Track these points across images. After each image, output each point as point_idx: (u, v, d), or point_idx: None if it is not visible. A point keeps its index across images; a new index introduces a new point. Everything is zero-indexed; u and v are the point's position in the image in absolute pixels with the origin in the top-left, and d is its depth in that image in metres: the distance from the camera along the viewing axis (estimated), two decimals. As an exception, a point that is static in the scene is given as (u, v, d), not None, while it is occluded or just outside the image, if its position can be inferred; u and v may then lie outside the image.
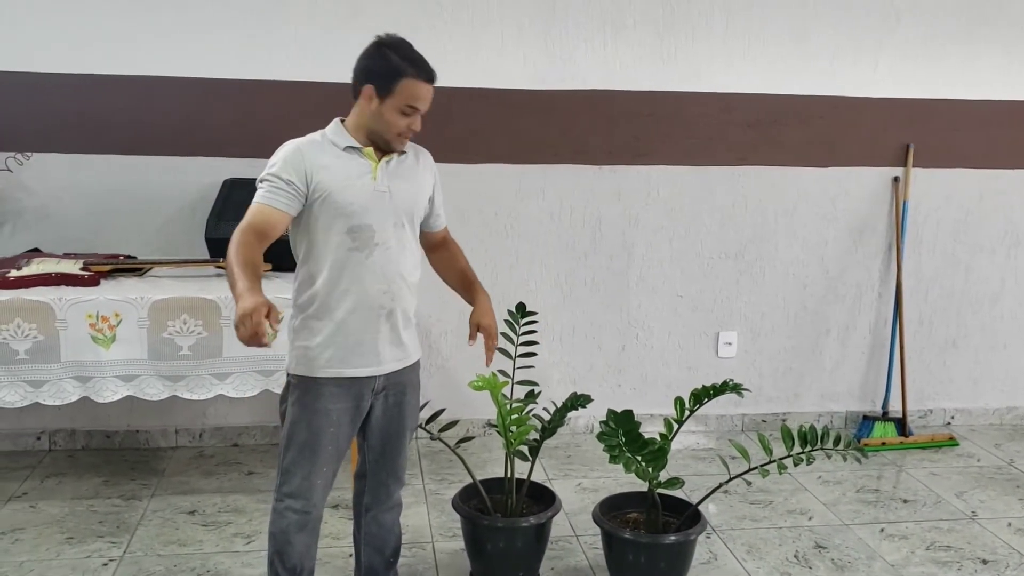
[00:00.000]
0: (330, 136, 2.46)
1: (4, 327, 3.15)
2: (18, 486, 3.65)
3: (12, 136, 3.72)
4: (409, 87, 2.39)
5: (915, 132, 4.31)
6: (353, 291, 2.45)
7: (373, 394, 2.54)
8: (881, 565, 3.23)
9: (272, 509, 2.54)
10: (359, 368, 2.49)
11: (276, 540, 2.54)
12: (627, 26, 4.03)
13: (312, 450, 2.48)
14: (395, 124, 2.42)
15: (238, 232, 2.33)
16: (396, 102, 2.39)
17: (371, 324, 2.48)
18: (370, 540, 2.77)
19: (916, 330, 4.50)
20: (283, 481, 2.52)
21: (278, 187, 2.36)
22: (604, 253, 4.23)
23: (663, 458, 2.76)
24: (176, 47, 3.77)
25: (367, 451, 2.65)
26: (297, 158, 2.38)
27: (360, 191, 2.42)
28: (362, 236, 2.43)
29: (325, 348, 2.45)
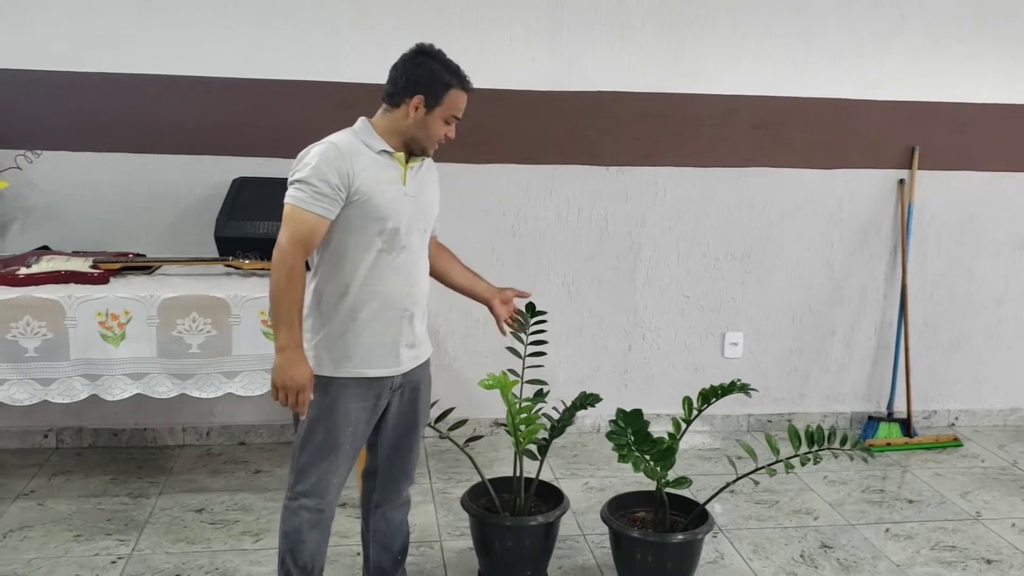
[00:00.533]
0: (362, 137, 2.45)
1: (13, 325, 3.16)
2: (26, 484, 3.66)
3: (22, 134, 3.73)
4: (455, 98, 2.44)
5: (920, 135, 4.32)
6: (379, 292, 2.47)
7: (390, 392, 2.56)
8: (886, 565, 3.24)
9: (284, 507, 2.56)
10: (381, 368, 2.51)
11: (289, 538, 2.55)
12: (634, 28, 4.04)
13: (331, 450, 2.49)
14: (438, 133, 2.46)
15: (289, 251, 2.33)
16: (443, 112, 2.43)
17: (394, 325, 2.50)
18: (379, 538, 2.78)
19: (921, 331, 4.51)
20: (298, 480, 2.53)
21: (321, 192, 2.33)
22: (611, 253, 4.24)
23: (671, 457, 2.77)
24: (186, 47, 3.78)
25: (379, 448, 2.66)
26: (338, 159, 2.36)
27: (393, 195, 2.44)
28: (391, 240, 2.45)
29: (349, 348, 2.46)
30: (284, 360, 2.35)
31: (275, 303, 2.36)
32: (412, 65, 2.45)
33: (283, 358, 2.36)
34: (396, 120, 2.45)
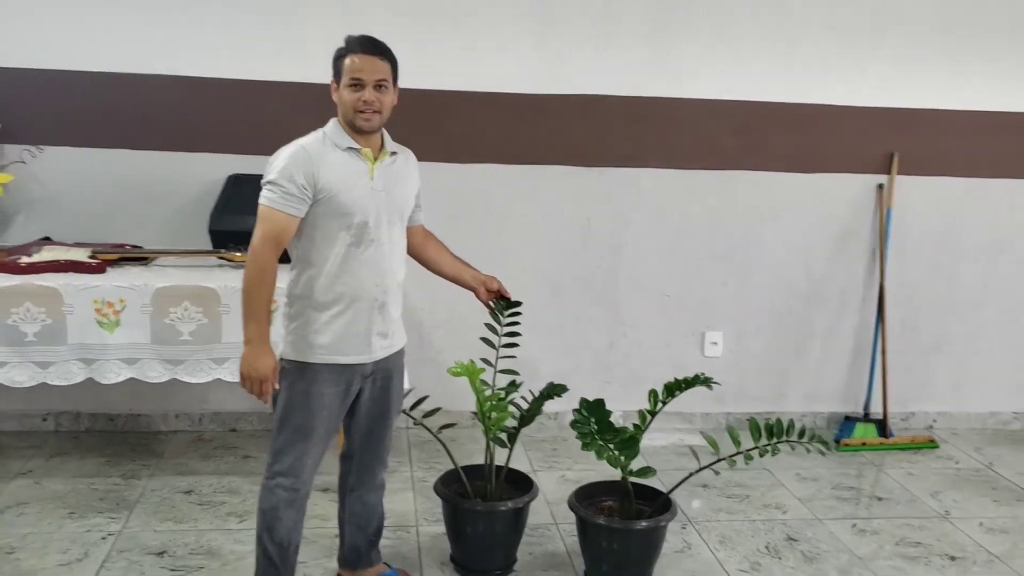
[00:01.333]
0: (331, 136, 2.58)
1: (14, 310, 3.31)
2: (24, 464, 3.81)
3: (26, 130, 3.88)
4: (349, 63, 2.54)
5: (900, 141, 4.42)
6: (350, 284, 2.59)
7: (362, 379, 2.69)
8: (849, 558, 3.34)
9: (262, 487, 2.69)
10: (352, 356, 2.64)
11: (266, 516, 2.68)
12: (619, 33, 4.16)
13: (305, 432, 2.62)
14: (348, 101, 2.55)
15: (261, 248, 2.48)
16: (345, 81, 2.54)
17: (365, 315, 2.63)
18: (354, 519, 2.91)
19: (899, 334, 4.61)
20: (275, 460, 2.66)
21: (289, 192, 2.48)
22: (594, 252, 4.36)
23: (634, 447, 2.89)
24: (183, 47, 3.93)
25: (354, 433, 2.80)
26: (305, 160, 2.50)
27: (359, 191, 2.57)
28: (359, 233, 2.58)
29: (321, 336, 2.59)
30: (250, 352, 2.51)
31: (246, 297, 2.51)
32: None
33: (249, 350, 2.51)
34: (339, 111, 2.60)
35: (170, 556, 3.13)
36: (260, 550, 2.72)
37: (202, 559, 3.11)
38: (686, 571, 3.20)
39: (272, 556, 2.70)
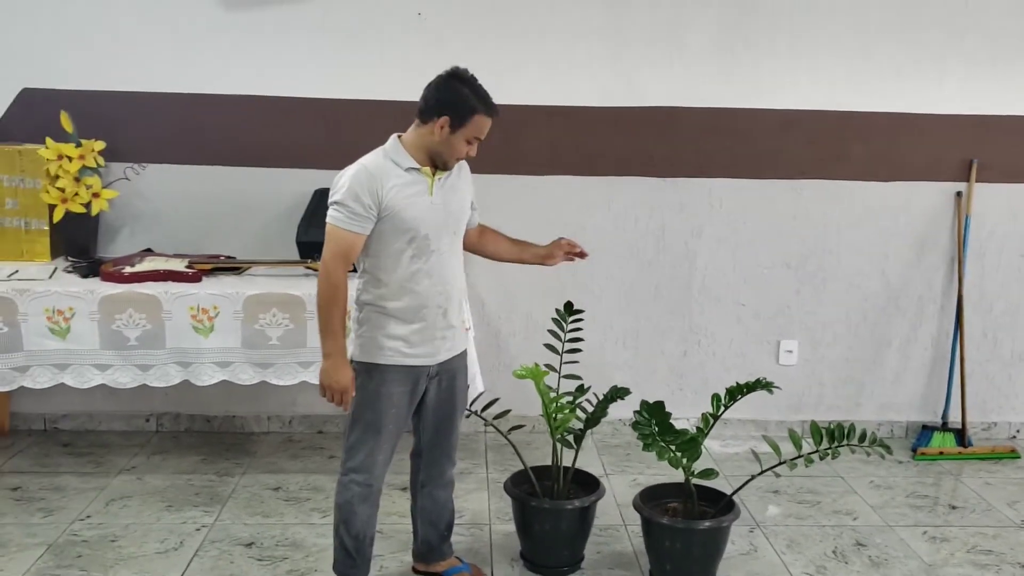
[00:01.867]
0: (392, 156, 2.73)
1: (118, 316, 3.58)
2: (128, 461, 4.09)
3: (130, 149, 4.17)
4: (479, 122, 2.71)
5: (978, 148, 4.39)
6: (415, 293, 2.76)
7: (428, 379, 2.85)
8: (918, 564, 3.35)
9: (338, 483, 2.87)
10: (418, 358, 2.80)
11: (342, 510, 2.86)
12: (689, 46, 4.25)
13: (375, 429, 2.80)
14: (460, 151, 2.73)
15: (332, 266, 2.66)
16: (466, 133, 2.70)
17: (430, 320, 2.79)
18: (425, 515, 3.07)
19: (980, 343, 4.55)
20: (348, 457, 2.84)
21: (356, 212, 2.65)
22: (667, 261, 4.44)
23: (695, 448, 2.98)
24: (272, 69, 4.17)
25: (422, 431, 2.96)
26: (369, 181, 2.66)
27: (420, 207, 2.73)
28: (422, 246, 2.74)
29: (389, 340, 2.77)
30: (330, 365, 2.71)
31: (322, 314, 2.70)
32: (443, 88, 2.72)
33: (329, 363, 2.71)
34: (423, 136, 2.73)
35: (257, 547, 3.34)
36: (337, 542, 2.90)
37: (287, 550, 3.32)
38: (750, 572, 3.26)
39: (349, 548, 2.88)
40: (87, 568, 3.15)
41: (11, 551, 3.24)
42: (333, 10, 4.15)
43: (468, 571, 3.13)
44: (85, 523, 3.48)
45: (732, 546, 3.40)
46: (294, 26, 4.15)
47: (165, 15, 4.12)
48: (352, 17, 4.16)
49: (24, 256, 3.96)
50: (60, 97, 4.08)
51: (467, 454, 4.25)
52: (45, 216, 3.95)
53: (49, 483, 3.82)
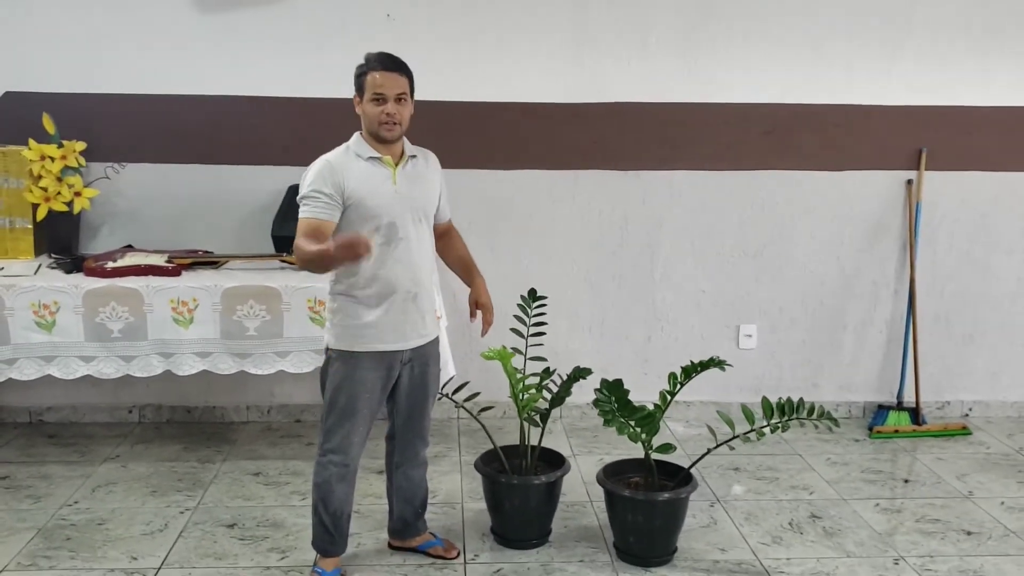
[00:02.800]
0: (354, 149, 2.91)
1: (101, 310, 3.71)
2: (112, 450, 4.22)
3: (109, 148, 4.31)
4: (371, 79, 2.85)
5: (927, 137, 4.58)
6: (386, 279, 2.91)
7: (401, 365, 3.01)
8: (868, 533, 3.53)
9: (316, 463, 3.03)
10: (391, 344, 2.96)
11: (320, 489, 3.01)
12: (650, 43, 4.42)
13: (351, 413, 2.95)
14: (372, 115, 2.86)
15: (298, 244, 2.77)
16: (368, 96, 2.85)
17: (400, 306, 2.95)
18: (400, 493, 3.23)
19: (932, 325, 4.75)
20: (325, 439, 2.99)
21: (320, 201, 2.81)
22: (631, 251, 4.62)
23: (653, 423, 3.15)
24: (246, 70, 4.32)
25: (396, 415, 3.12)
26: (330, 172, 2.83)
27: (384, 195, 2.88)
28: (389, 233, 2.89)
29: (363, 327, 2.92)
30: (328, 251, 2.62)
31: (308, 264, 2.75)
32: None
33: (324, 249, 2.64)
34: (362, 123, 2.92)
35: (239, 528, 3.48)
36: (316, 519, 3.06)
37: (267, 530, 3.46)
38: (710, 543, 3.43)
39: (327, 524, 3.04)
40: (76, 549, 3.29)
41: (2, 535, 3.38)
42: (304, 12, 4.30)
43: (441, 544, 3.29)
44: (72, 508, 3.61)
45: (693, 519, 3.58)
46: (266, 28, 4.29)
47: (142, 19, 4.25)
48: (323, 19, 4.30)
49: (9, 254, 4.09)
50: (42, 100, 4.21)
51: (441, 438, 4.41)
52: (29, 215, 4.07)
53: (36, 472, 3.95)
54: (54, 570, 3.14)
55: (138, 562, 3.21)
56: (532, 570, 3.21)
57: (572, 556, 3.31)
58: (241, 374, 3.88)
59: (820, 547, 3.41)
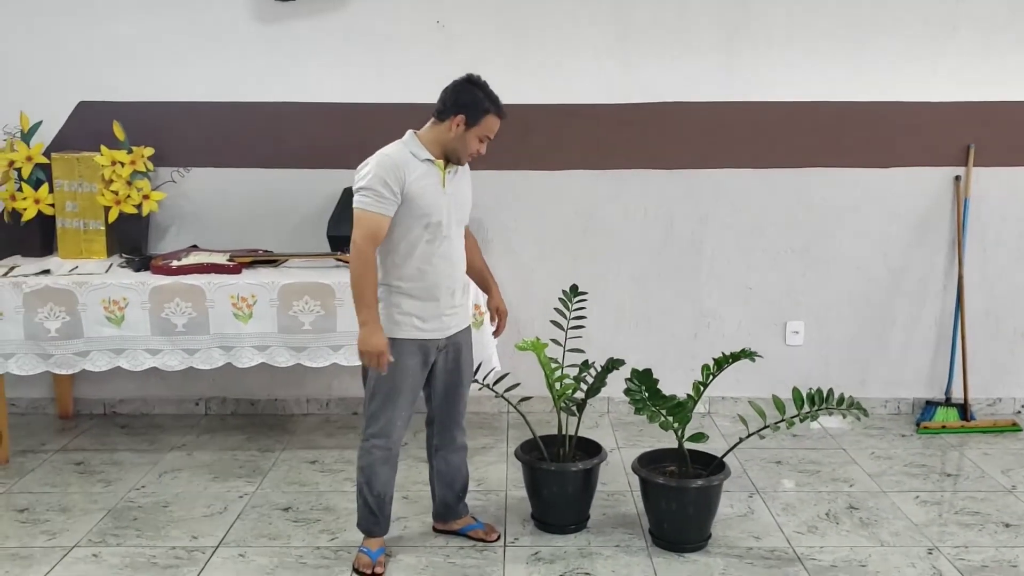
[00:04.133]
0: (410, 147, 3.06)
1: (167, 305, 3.95)
2: (179, 439, 4.46)
3: (175, 154, 4.56)
4: (490, 122, 3.05)
5: (975, 133, 4.58)
6: (428, 274, 3.09)
7: (437, 351, 3.17)
8: (905, 524, 3.57)
9: (360, 447, 3.20)
10: (429, 332, 3.13)
11: (364, 472, 3.18)
12: (692, 42, 4.51)
13: (393, 397, 3.12)
14: (472, 148, 3.07)
15: (362, 245, 2.96)
16: (478, 131, 3.04)
17: (440, 299, 3.12)
18: (441, 477, 3.38)
19: (982, 322, 4.72)
20: (369, 424, 3.16)
21: (383, 196, 2.97)
22: (676, 249, 4.70)
23: (684, 412, 3.24)
24: (303, 78, 4.53)
25: (433, 399, 3.28)
26: (393, 168, 2.98)
27: (435, 195, 3.05)
28: (435, 231, 3.06)
29: (405, 316, 3.09)
30: (367, 332, 3.00)
31: (356, 288, 3.00)
32: (460, 90, 3.07)
33: (366, 331, 3.00)
34: (440, 133, 3.05)
35: (294, 511, 3.68)
36: (361, 501, 3.23)
37: (320, 513, 3.65)
38: (744, 531, 3.51)
39: (372, 506, 3.21)
40: (142, 529, 3.52)
41: (76, 515, 3.63)
42: (358, 21, 4.49)
43: (482, 528, 3.44)
44: (140, 492, 3.85)
45: (730, 509, 3.67)
46: (322, 37, 4.51)
47: (206, 31, 4.50)
48: (376, 27, 4.50)
49: (83, 254, 4.36)
50: (113, 108, 4.49)
51: (490, 431, 4.57)
52: (101, 217, 4.34)
53: (108, 459, 4.21)
54: (121, 547, 3.37)
55: (198, 541, 3.42)
56: (569, 553, 3.33)
57: (608, 541, 3.43)
58: (301, 368, 4.10)
59: (855, 536, 3.46)
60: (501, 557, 3.31)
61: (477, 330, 3.99)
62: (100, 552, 3.33)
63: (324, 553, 3.33)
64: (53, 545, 3.38)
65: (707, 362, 3.44)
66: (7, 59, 4.52)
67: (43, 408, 4.80)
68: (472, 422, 4.64)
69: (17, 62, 4.52)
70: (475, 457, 4.22)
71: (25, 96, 4.47)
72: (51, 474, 4.04)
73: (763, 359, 4.68)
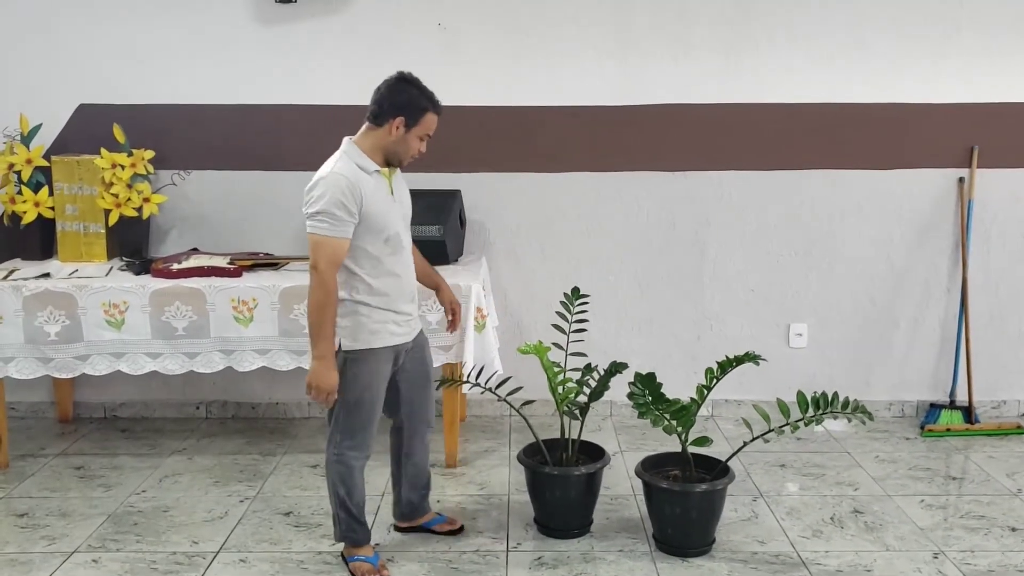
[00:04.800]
0: (357, 161, 2.96)
1: (167, 309, 3.93)
2: (179, 443, 4.44)
3: (176, 157, 4.54)
4: (429, 119, 2.99)
5: (979, 134, 4.56)
6: (393, 284, 3.08)
7: (404, 354, 3.18)
8: (910, 528, 3.55)
9: (335, 462, 3.11)
10: (402, 336, 3.14)
11: (345, 483, 3.13)
12: (694, 44, 4.49)
13: (373, 408, 3.12)
14: (414, 148, 3.02)
15: (326, 272, 2.87)
16: (418, 131, 2.98)
17: (405, 305, 3.13)
18: (408, 479, 3.41)
19: (987, 324, 4.70)
20: (345, 436, 3.10)
21: (341, 219, 2.87)
22: (678, 251, 4.68)
23: (688, 416, 3.22)
24: (303, 81, 4.52)
25: (401, 406, 3.28)
26: (349, 188, 2.87)
27: (387, 206, 3.02)
28: (394, 243, 3.05)
29: (381, 324, 3.06)
30: (322, 367, 2.93)
31: (315, 318, 2.90)
32: (395, 90, 2.98)
33: (321, 365, 2.93)
34: (379, 138, 2.99)
35: (295, 516, 3.66)
36: (344, 514, 3.17)
37: (322, 518, 3.62)
38: (749, 535, 3.49)
39: (355, 515, 3.20)
40: (142, 534, 3.49)
41: (76, 520, 3.60)
42: (359, 23, 4.48)
43: (445, 520, 3.49)
44: (140, 496, 3.83)
45: (734, 513, 3.64)
46: (323, 40, 4.49)
47: (206, 34, 4.49)
48: (377, 29, 4.48)
49: (83, 257, 4.34)
50: (113, 111, 4.48)
51: (493, 435, 4.55)
52: (101, 220, 4.32)
53: (108, 463, 4.19)
54: (121, 552, 3.35)
55: (199, 546, 3.40)
56: (572, 558, 3.31)
57: (612, 546, 3.40)
58: (302, 372, 4.02)
59: (860, 540, 3.44)
60: (504, 562, 3.29)
61: (479, 334, 3.99)
62: (100, 557, 3.31)
63: (326, 558, 3.31)
64: (53, 550, 3.36)
65: (709, 365, 3.43)
66: (7, 61, 4.51)
67: (43, 412, 4.78)
68: (474, 425, 4.68)
69: (17, 64, 4.51)
70: (477, 461, 4.22)
71: (25, 98, 4.46)
72: (51, 479, 4.02)
73: (766, 362, 4.72)
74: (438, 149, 3.18)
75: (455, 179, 4.54)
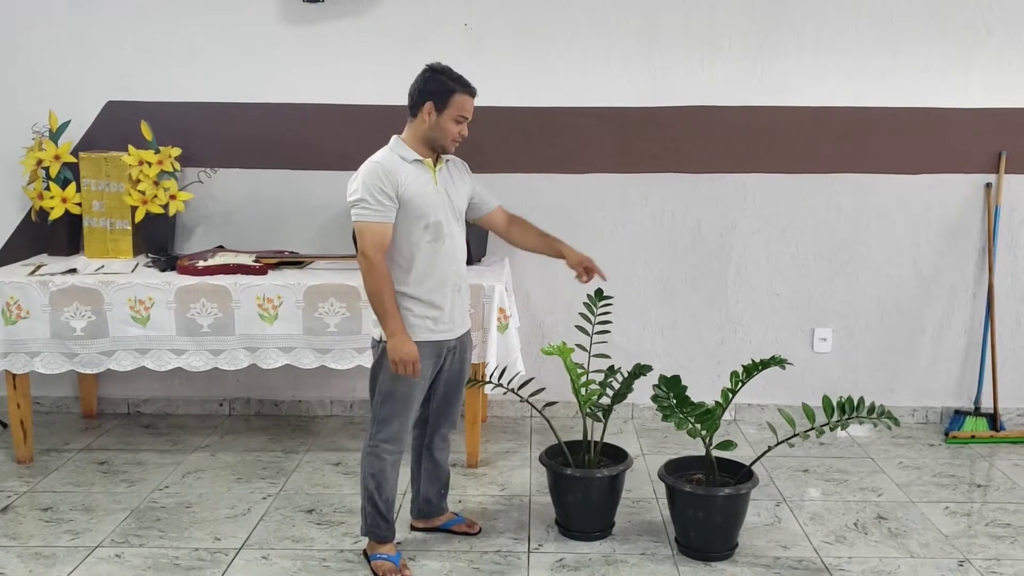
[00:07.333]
0: (397, 151, 3.05)
1: (192, 306, 3.95)
2: (203, 440, 4.46)
3: (202, 154, 4.57)
4: (460, 100, 3.01)
5: (1007, 140, 4.51)
6: (435, 274, 3.07)
7: (447, 352, 3.17)
8: (935, 535, 3.52)
9: (368, 454, 3.15)
10: (442, 333, 3.13)
11: (375, 478, 3.15)
12: (722, 47, 4.48)
13: (408, 402, 3.12)
14: (450, 131, 3.03)
15: (373, 256, 2.94)
16: (451, 113, 3.00)
17: (448, 298, 3.12)
18: (427, 474, 3.41)
19: (1013, 330, 4.66)
20: (380, 430, 3.13)
21: (381, 203, 2.95)
22: (703, 254, 4.66)
23: (712, 420, 3.21)
24: (330, 79, 4.53)
25: (432, 401, 3.28)
26: (385, 175, 2.96)
27: (429, 195, 3.04)
28: (436, 230, 3.05)
29: (417, 319, 3.07)
30: (397, 342, 2.98)
31: (375, 300, 2.98)
32: (424, 80, 3.06)
33: (396, 341, 2.98)
34: (417, 128, 3.05)
35: (317, 513, 3.66)
36: (371, 508, 3.18)
37: (344, 516, 3.64)
38: (772, 540, 3.47)
39: (383, 512, 3.20)
40: (165, 530, 3.51)
41: (99, 515, 3.63)
42: (387, 23, 4.49)
43: (463, 522, 3.48)
44: (163, 492, 3.85)
45: (757, 517, 3.62)
46: (351, 39, 4.50)
47: (234, 32, 4.51)
48: (404, 29, 4.49)
49: (110, 253, 4.37)
50: (141, 108, 4.50)
51: (514, 435, 4.55)
52: (128, 217, 4.35)
53: (132, 458, 4.22)
54: (144, 547, 3.37)
55: (221, 542, 3.41)
56: (594, 560, 3.30)
57: (634, 549, 3.39)
58: (325, 370, 4.08)
59: (884, 547, 3.42)
60: (525, 563, 3.28)
61: (502, 334, 3.98)
62: (123, 552, 3.33)
63: (347, 556, 3.31)
64: (76, 545, 3.38)
65: (733, 368, 3.41)
66: (36, 58, 4.55)
67: (67, 407, 4.82)
68: (495, 426, 4.68)
69: (46, 61, 4.55)
70: (498, 461, 4.22)
71: (54, 95, 4.50)
72: (74, 473, 4.05)
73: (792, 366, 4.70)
74: (462, 149, 3.18)
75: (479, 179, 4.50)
